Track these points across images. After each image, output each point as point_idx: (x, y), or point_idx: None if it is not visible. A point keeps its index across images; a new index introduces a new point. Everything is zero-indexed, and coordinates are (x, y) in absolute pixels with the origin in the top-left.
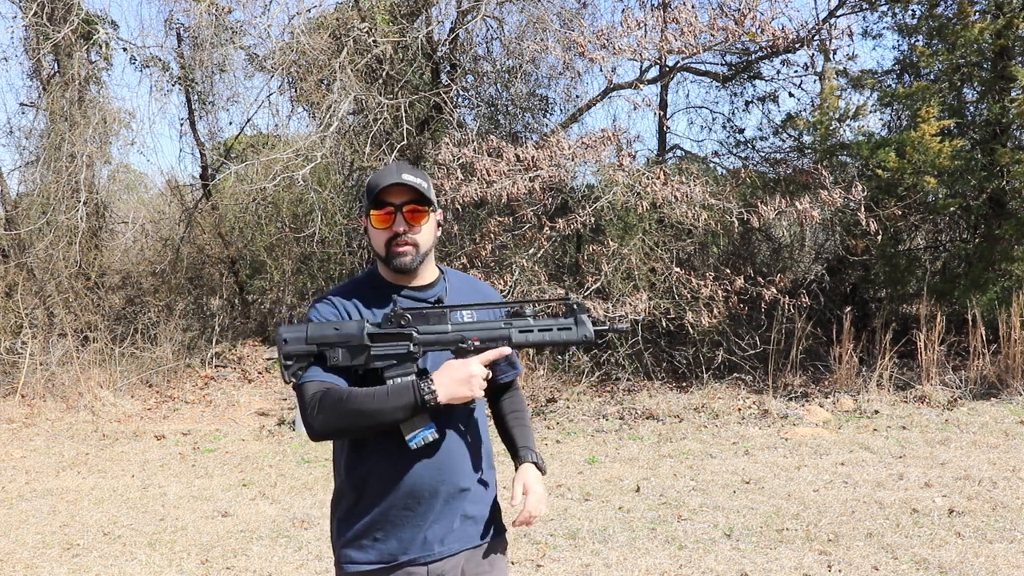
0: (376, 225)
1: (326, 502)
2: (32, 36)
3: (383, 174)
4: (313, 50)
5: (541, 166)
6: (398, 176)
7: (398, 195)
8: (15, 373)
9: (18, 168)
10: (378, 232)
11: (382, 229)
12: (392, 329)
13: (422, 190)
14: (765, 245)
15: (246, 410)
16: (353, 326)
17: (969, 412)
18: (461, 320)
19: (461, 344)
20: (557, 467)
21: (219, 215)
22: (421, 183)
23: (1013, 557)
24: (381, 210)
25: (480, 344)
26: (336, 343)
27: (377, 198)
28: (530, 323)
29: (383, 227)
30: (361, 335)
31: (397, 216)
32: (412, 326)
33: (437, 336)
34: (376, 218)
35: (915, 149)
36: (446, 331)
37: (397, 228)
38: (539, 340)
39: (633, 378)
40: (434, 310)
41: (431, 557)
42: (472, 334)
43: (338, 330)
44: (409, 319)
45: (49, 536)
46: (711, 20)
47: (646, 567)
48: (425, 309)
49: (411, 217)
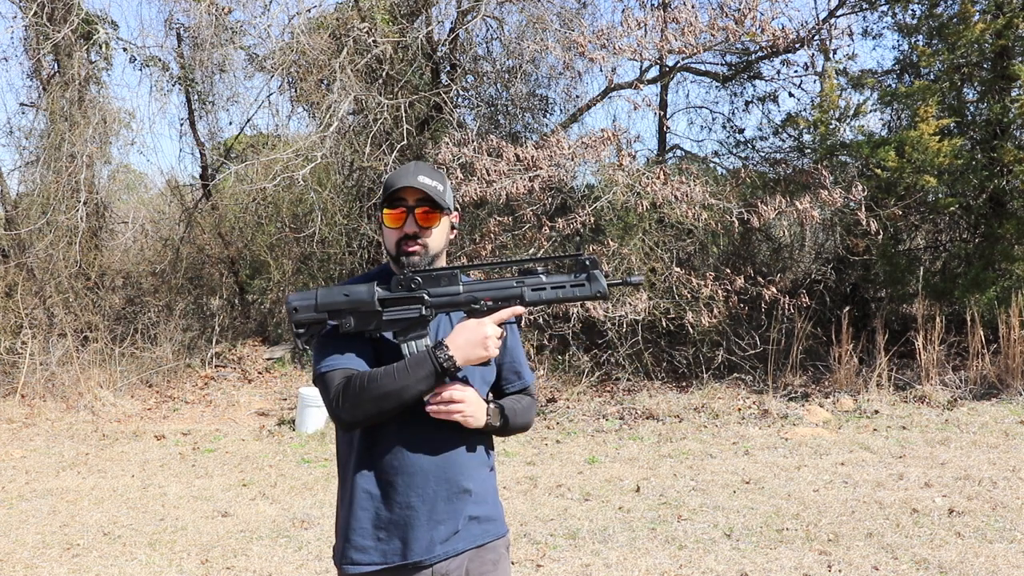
0: (388, 224)
1: (326, 502)
2: (32, 36)
3: (400, 174)
4: (313, 50)
5: (541, 166)
6: (413, 177)
7: (412, 195)
8: (15, 373)
9: (18, 168)
10: (390, 231)
11: (394, 228)
12: (403, 293)
13: (434, 194)
14: (765, 245)
15: (246, 410)
16: (363, 291)
17: (969, 412)
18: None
19: (473, 304)
20: (557, 467)
21: (219, 215)
22: (436, 186)
23: (1013, 557)
24: (394, 209)
25: (493, 304)
26: (346, 309)
27: (391, 197)
28: (542, 280)
29: (395, 227)
30: (372, 300)
31: (409, 217)
32: (423, 288)
33: (449, 298)
34: (388, 217)
35: (914, 148)
36: (457, 292)
37: (408, 229)
38: (552, 297)
39: (633, 378)
40: (444, 271)
41: (435, 558)
42: (484, 294)
43: (348, 296)
44: (420, 282)
45: (49, 536)
46: (711, 20)
47: (646, 567)
48: (435, 271)
49: (422, 219)
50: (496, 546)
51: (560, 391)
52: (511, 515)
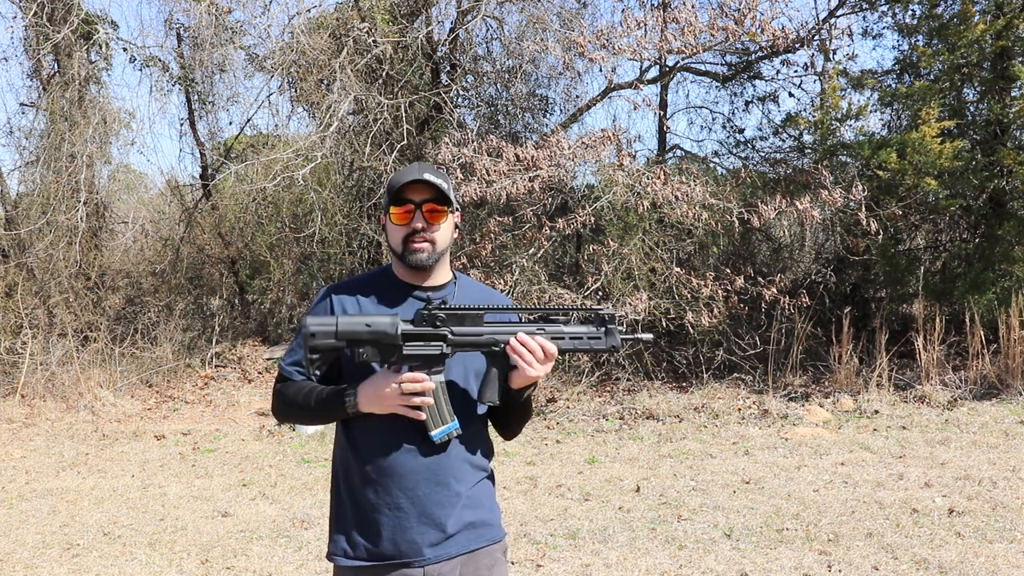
0: (395, 221)
1: (326, 502)
2: (32, 36)
3: (405, 172)
4: (313, 50)
5: (541, 166)
6: (420, 174)
7: (418, 193)
8: (15, 373)
9: (18, 168)
10: (396, 228)
11: (400, 225)
12: (426, 329)
13: (443, 189)
14: (765, 245)
15: (246, 410)
16: (386, 323)
17: (969, 412)
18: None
19: (494, 347)
20: (557, 467)
21: (219, 215)
22: (442, 183)
23: (1013, 557)
24: (401, 207)
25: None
26: (367, 340)
27: (398, 195)
28: (562, 330)
29: (402, 223)
30: (395, 333)
31: (416, 213)
32: (447, 326)
33: (471, 338)
34: (396, 214)
35: (916, 150)
36: (480, 333)
37: (415, 225)
38: (571, 347)
39: (633, 378)
40: (470, 311)
41: (426, 560)
42: (505, 337)
43: (369, 327)
44: (444, 319)
45: (49, 536)
46: (711, 20)
47: (646, 567)
48: (460, 310)
49: (430, 216)
50: (491, 551)
51: (560, 391)
52: (511, 515)
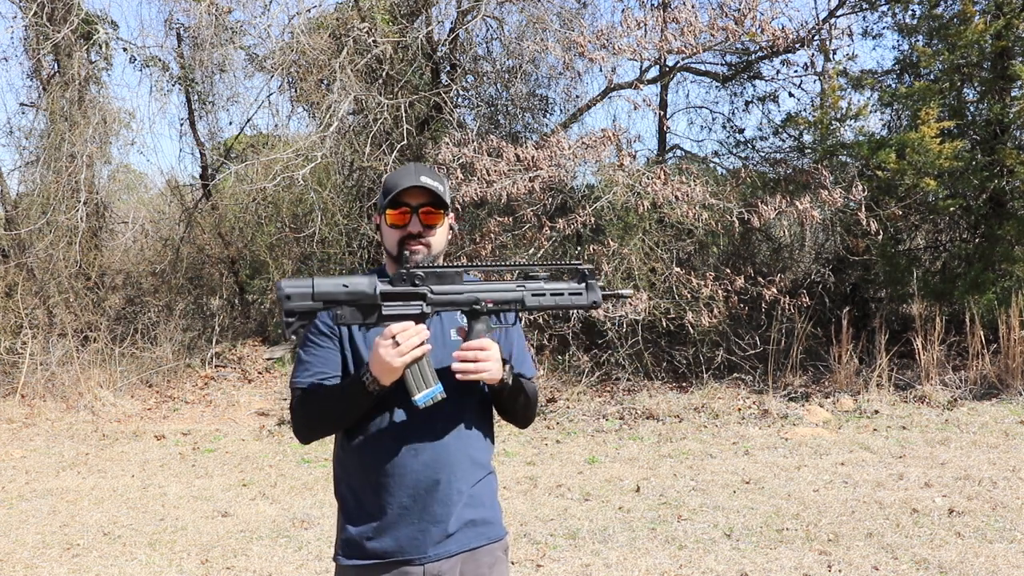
0: (391, 224)
1: (326, 502)
2: (32, 36)
3: (401, 175)
4: (313, 50)
5: (541, 166)
6: (416, 178)
7: (415, 197)
8: (15, 373)
9: (18, 168)
10: (392, 231)
11: (397, 228)
12: (405, 288)
13: (439, 193)
14: (765, 245)
15: (246, 410)
16: (364, 282)
17: (969, 412)
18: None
19: (475, 305)
20: (557, 467)
21: (219, 215)
22: (438, 186)
23: (1013, 557)
24: (397, 210)
25: (494, 306)
26: (345, 301)
27: (394, 198)
28: (543, 286)
29: (398, 227)
30: (373, 293)
31: (413, 217)
32: (426, 285)
33: (451, 296)
34: (392, 217)
35: (915, 151)
36: (460, 291)
37: (412, 229)
38: (552, 304)
39: (633, 378)
40: (448, 270)
41: (427, 558)
42: (486, 295)
43: (347, 287)
44: (423, 277)
45: (49, 536)
46: (711, 20)
47: (646, 567)
48: (439, 268)
49: (426, 219)
50: (492, 549)
51: (560, 391)
52: (511, 515)
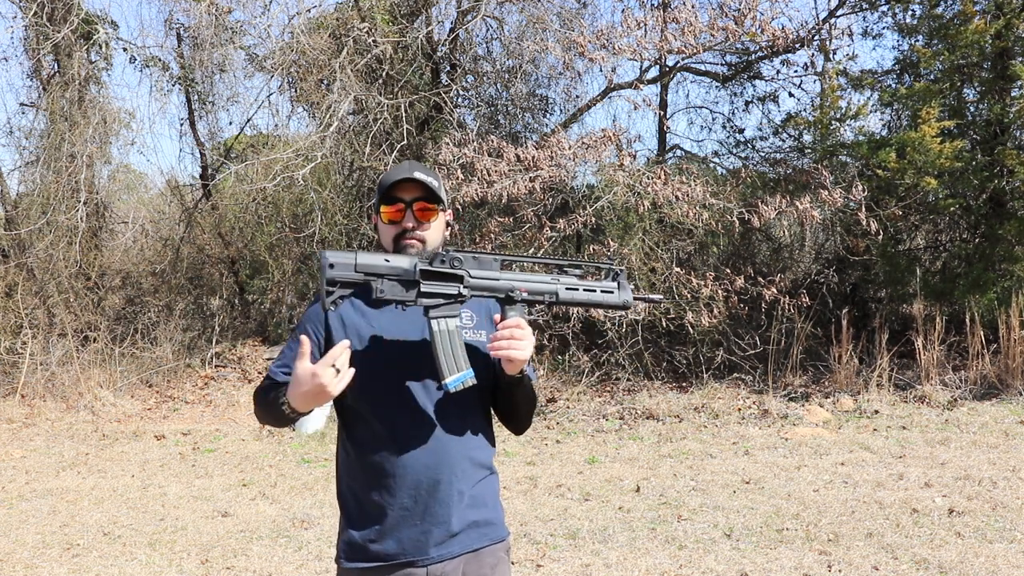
0: (386, 220)
1: (326, 502)
2: (32, 36)
3: (395, 170)
4: (313, 50)
5: (541, 166)
6: (409, 172)
7: (409, 191)
8: (15, 373)
9: (18, 168)
10: (387, 227)
11: (391, 224)
12: (445, 268)
13: (433, 188)
14: (765, 245)
15: (246, 410)
16: (405, 260)
17: (969, 412)
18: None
19: (510, 293)
20: (557, 467)
21: (219, 215)
22: (432, 181)
23: (1013, 557)
24: (391, 206)
25: (528, 296)
26: (386, 274)
27: (388, 193)
28: (576, 282)
29: (392, 222)
30: (413, 269)
31: (407, 212)
32: (463, 268)
33: (488, 282)
34: (386, 213)
35: (916, 150)
36: (497, 278)
37: (406, 224)
38: (585, 299)
39: (633, 378)
40: (487, 256)
41: (429, 559)
42: (521, 284)
43: (388, 262)
44: (462, 261)
45: (49, 536)
46: (711, 20)
47: (646, 567)
48: (478, 254)
49: (420, 214)
50: (495, 550)
51: (560, 391)
52: (511, 515)
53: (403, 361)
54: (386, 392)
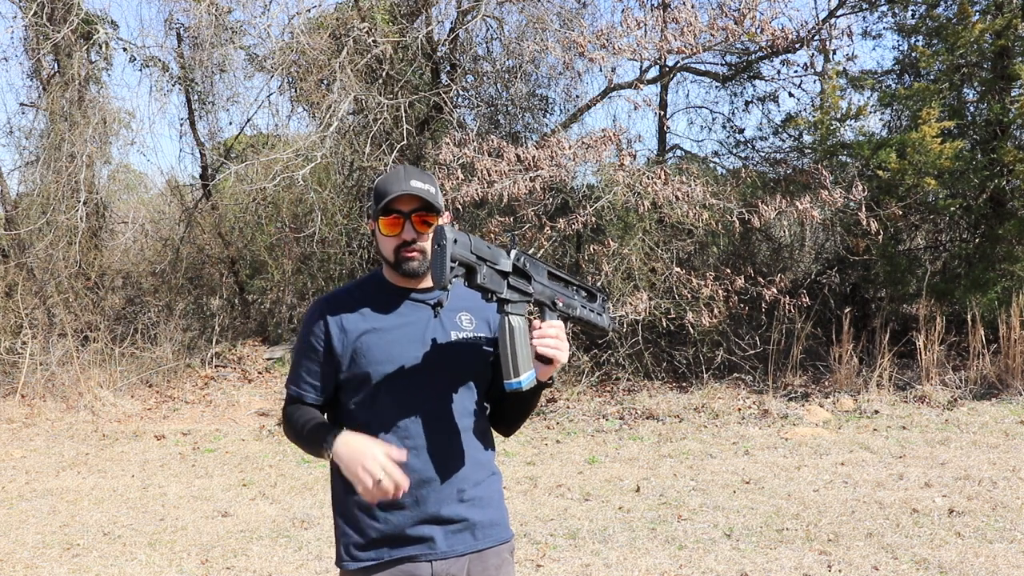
0: (384, 232)
1: (326, 502)
2: (32, 36)
3: (391, 181)
4: (313, 50)
5: (541, 166)
6: (406, 184)
7: (406, 203)
8: (15, 373)
9: (18, 168)
10: (387, 238)
11: (391, 236)
12: (527, 268)
13: (429, 197)
14: (765, 245)
15: (246, 410)
16: (502, 253)
17: (969, 412)
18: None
19: (554, 300)
20: (557, 467)
21: (219, 215)
22: (429, 189)
23: (1013, 557)
24: (389, 217)
25: (561, 307)
26: (488, 261)
27: (385, 206)
28: (585, 301)
29: (392, 234)
30: (508, 262)
31: (406, 224)
32: (530, 273)
33: (542, 288)
34: (385, 225)
35: (916, 150)
36: (545, 287)
37: (406, 236)
38: (587, 318)
39: (633, 378)
40: (540, 262)
41: (435, 555)
42: (560, 296)
43: (491, 249)
44: (534, 264)
45: (49, 536)
46: (711, 20)
47: (646, 567)
48: (538, 259)
49: (419, 225)
50: (500, 551)
51: (560, 391)
52: (511, 515)
53: (405, 364)
54: (388, 394)
